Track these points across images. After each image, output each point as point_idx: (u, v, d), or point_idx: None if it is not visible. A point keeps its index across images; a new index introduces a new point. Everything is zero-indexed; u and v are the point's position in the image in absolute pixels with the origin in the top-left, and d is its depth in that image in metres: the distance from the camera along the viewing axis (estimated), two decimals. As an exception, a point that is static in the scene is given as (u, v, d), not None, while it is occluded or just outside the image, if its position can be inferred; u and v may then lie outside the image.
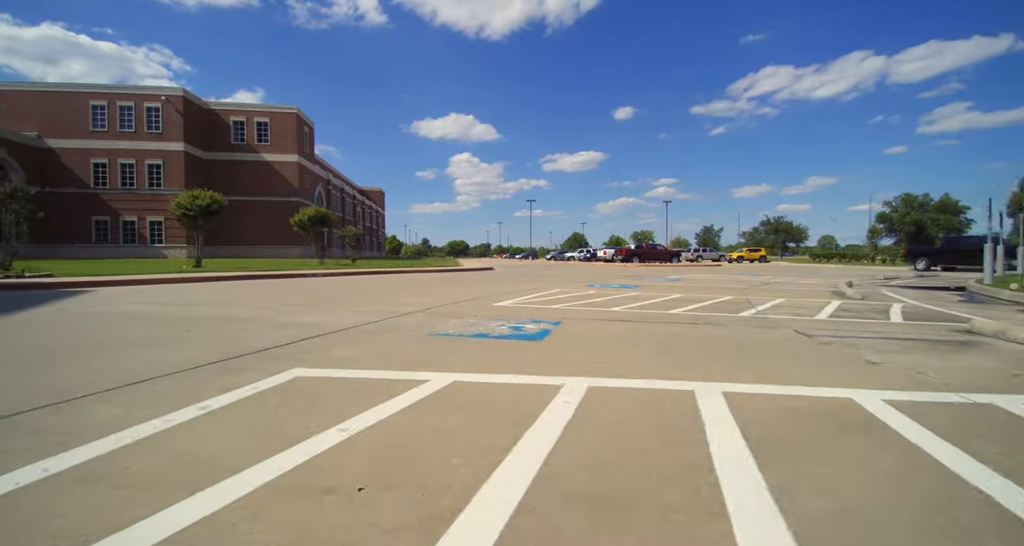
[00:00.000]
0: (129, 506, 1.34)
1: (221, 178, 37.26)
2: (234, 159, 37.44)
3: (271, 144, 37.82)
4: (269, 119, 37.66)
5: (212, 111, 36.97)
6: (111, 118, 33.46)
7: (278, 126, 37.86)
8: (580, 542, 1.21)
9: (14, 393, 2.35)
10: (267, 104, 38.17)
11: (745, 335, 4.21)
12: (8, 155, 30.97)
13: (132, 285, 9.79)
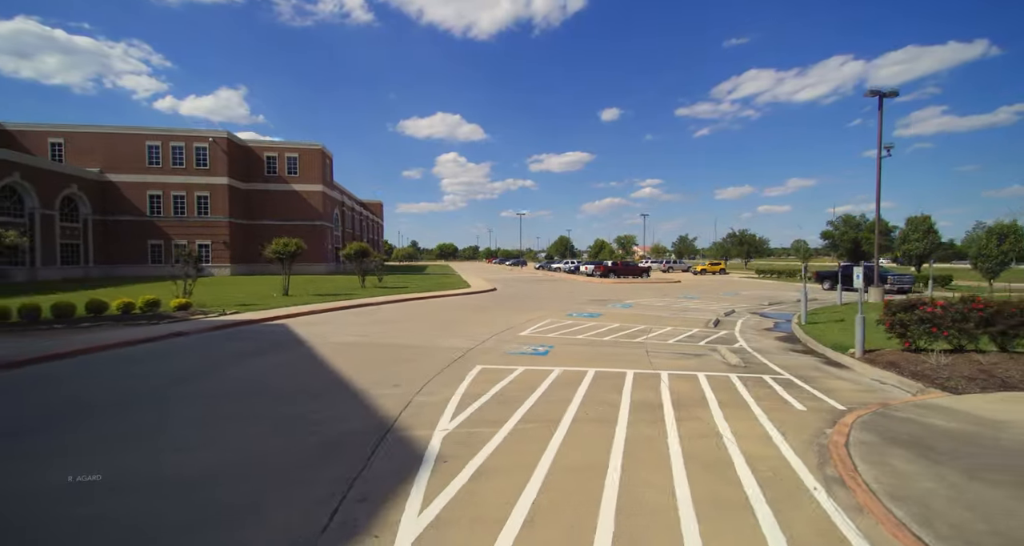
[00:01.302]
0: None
1: (257, 205, 43.06)
2: (267, 189, 43.26)
3: (299, 176, 43.72)
4: (298, 155, 43.55)
5: (250, 148, 42.73)
6: (164, 156, 39.05)
7: (305, 160, 43.77)
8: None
9: (373, 383, 8.65)
10: (296, 141, 43.97)
11: (636, 353, 10.67)
12: (78, 190, 36.37)
13: (285, 318, 15.88)
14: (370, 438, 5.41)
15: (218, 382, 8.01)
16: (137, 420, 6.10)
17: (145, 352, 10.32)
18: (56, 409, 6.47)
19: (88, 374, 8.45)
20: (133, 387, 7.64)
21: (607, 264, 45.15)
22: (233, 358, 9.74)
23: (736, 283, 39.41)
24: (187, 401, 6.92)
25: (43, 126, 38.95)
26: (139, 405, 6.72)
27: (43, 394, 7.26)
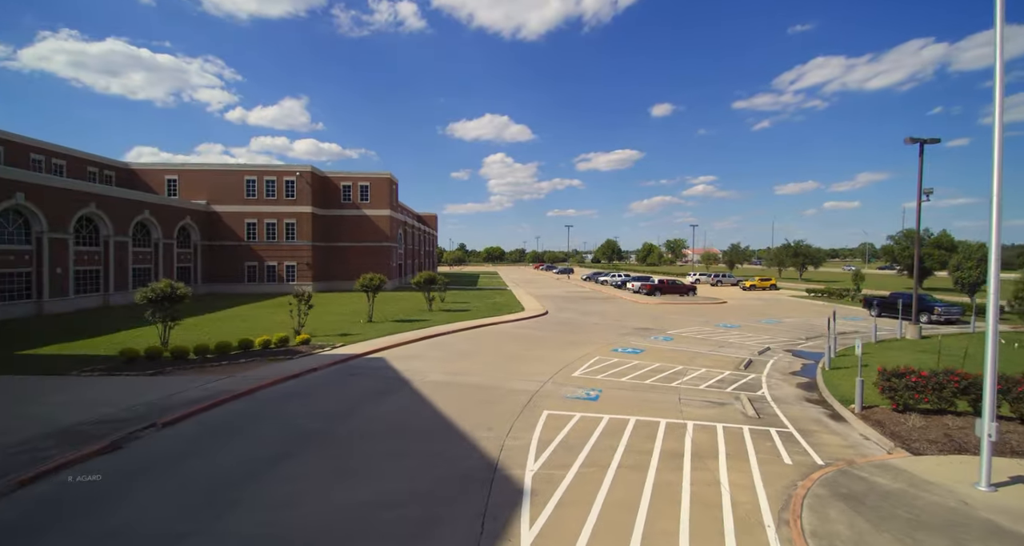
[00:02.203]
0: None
1: (334, 229, 48.28)
2: (343, 214, 48.41)
3: (370, 202, 48.58)
4: (369, 183, 48.41)
5: (328, 178, 48.03)
6: (259, 189, 44.90)
7: (375, 187, 48.56)
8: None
9: (474, 426, 11.68)
10: (367, 171, 48.84)
11: (669, 400, 13.23)
12: (191, 220, 42.67)
13: (382, 352, 19.48)
14: (486, 474, 8.46)
15: (363, 421, 11.38)
16: (320, 454, 9.46)
17: (296, 389, 14.00)
18: (262, 447, 9.99)
19: (265, 413, 12.06)
20: (303, 426, 11.10)
21: (653, 282, 46.78)
22: (364, 397, 13.18)
23: (783, 303, 40.05)
24: (349, 439, 10.26)
25: (160, 165, 45.86)
26: (315, 442, 10.12)
27: (246, 434, 10.87)
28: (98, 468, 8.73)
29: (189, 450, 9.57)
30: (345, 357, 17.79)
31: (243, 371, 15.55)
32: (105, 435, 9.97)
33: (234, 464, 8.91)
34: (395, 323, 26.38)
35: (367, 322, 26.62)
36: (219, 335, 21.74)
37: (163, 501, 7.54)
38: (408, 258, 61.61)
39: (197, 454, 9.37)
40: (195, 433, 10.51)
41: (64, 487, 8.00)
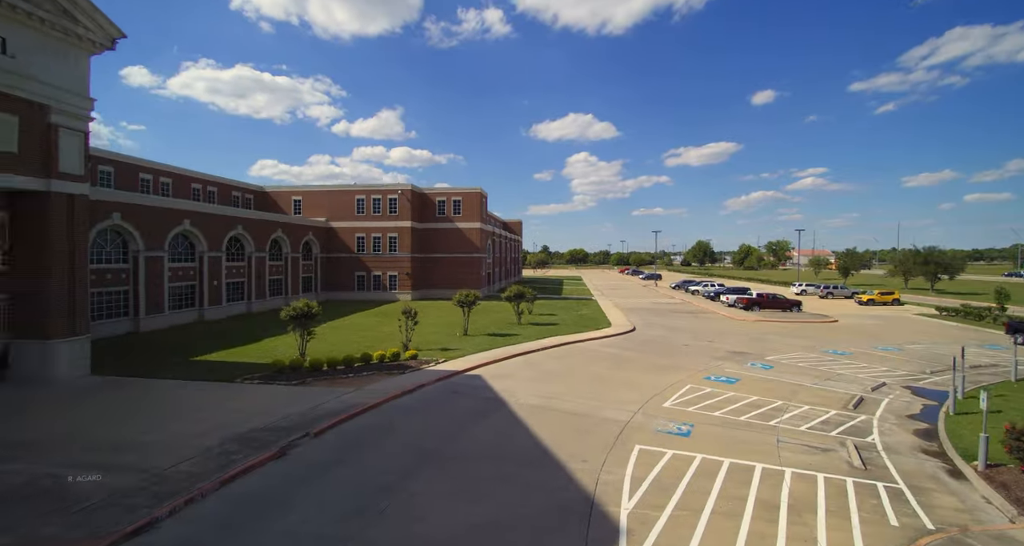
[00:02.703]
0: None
1: (430, 241, 52.02)
2: (437, 227, 52.01)
3: (462, 215, 51.67)
4: (461, 198, 51.54)
5: (425, 195, 51.92)
6: (367, 206, 49.87)
7: (467, 202, 51.55)
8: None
9: (570, 456, 12.56)
10: (460, 187, 52.03)
11: (767, 442, 13.16)
12: (312, 236, 48.51)
13: (479, 369, 21.16)
14: (584, 508, 9.39)
15: (469, 443, 12.84)
16: (436, 473, 10.97)
17: (410, 404, 15.96)
18: (391, 462, 11.75)
19: (390, 428, 14.01)
20: (421, 445, 12.80)
21: (751, 295, 44.23)
22: (467, 417, 14.71)
23: (907, 324, 35.84)
24: (459, 460, 11.71)
25: (288, 188, 52.76)
26: (432, 461, 11.70)
27: (377, 448, 12.80)
28: (264, 472, 11.04)
29: (335, 459, 11.64)
30: (447, 374, 19.67)
31: (368, 384, 17.97)
32: (273, 442, 12.45)
33: (372, 476, 10.75)
34: (488, 337, 28.18)
35: (463, 335, 28.72)
36: (342, 344, 25.00)
37: (323, 507, 9.46)
38: (496, 266, 64.16)
39: (342, 464, 11.40)
40: (338, 443, 12.67)
41: (247, 487, 10.31)
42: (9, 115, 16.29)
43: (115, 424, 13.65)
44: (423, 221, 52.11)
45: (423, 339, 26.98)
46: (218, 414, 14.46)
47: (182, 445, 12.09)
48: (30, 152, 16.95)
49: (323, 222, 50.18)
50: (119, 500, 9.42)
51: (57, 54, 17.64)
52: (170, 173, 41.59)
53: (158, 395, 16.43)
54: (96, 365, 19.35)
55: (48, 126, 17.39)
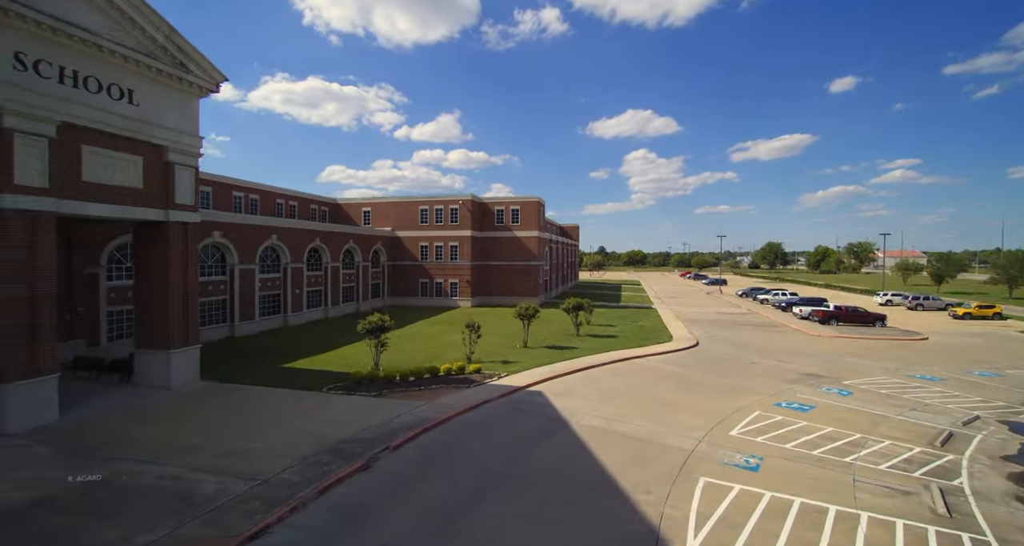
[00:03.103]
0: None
1: (488, 250, 53.41)
2: (496, 236, 53.34)
3: (520, 224, 52.64)
4: (519, 207, 52.52)
5: (484, 204, 53.43)
6: (430, 216, 52.11)
7: (525, 211, 52.42)
8: (768, 519, 10.71)
9: (633, 486, 12.79)
10: (518, 196, 53.05)
11: (842, 481, 12.76)
12: (380, 245, 51.37)
13: (540, 385, 21.77)
14: (649, 543, 9.71)
15: (534, 465, 13.46)
16: (506, 495, 11.66)
17: (476, 420, 16.84)
18: (463, 480, 12.58)
19: (459, 445, 14.92)
20: (489, 466, 13.57)
21: (828, 307, 41.58)
22: (532, 438, 15.34)
23: (1009, 343, 32.29)
24: (526, 483, 12.36)
25: (358, 200, 56.21)
26: (501, 483, 12.41)
27: (450, 464, 13.71)
28: (354, 483, 12.26)
29: (414, 475, 12.69)
30: (510, 389, 20.44)
31: (437, 397, 19.13)
32: (359, 454, 13.74)
33: (448, 494, 11.66)
34: (548, 350, 28.72)
35: (523, 347, 29.46)
36: (412, 354, 26.58)
37: (408, 523, 10.44)
38: (553, 272, 64.55)
39: (421, 480, 12.41)
40: (415, 457, 13.76)
41: (341, 498, 11.54)
42: (135, 156, 18.97)
43: (226, 430, 15.58)
44: (482, 230, 53.61)
45: (485, 350, 27.98)
46: (310, 424, 16.08)
47: (283, 453, 13.66)
48: (152, 187, 19.62)
49: (389, 232, 52.98)
50: (237, 504, 10.95)
51: (172, 100, 20.26)
52: (258, 190, 45.74)
53: (258, 402, 18.46)
54: (202, 370, 21.97)
55: (166, 164, 20.04)
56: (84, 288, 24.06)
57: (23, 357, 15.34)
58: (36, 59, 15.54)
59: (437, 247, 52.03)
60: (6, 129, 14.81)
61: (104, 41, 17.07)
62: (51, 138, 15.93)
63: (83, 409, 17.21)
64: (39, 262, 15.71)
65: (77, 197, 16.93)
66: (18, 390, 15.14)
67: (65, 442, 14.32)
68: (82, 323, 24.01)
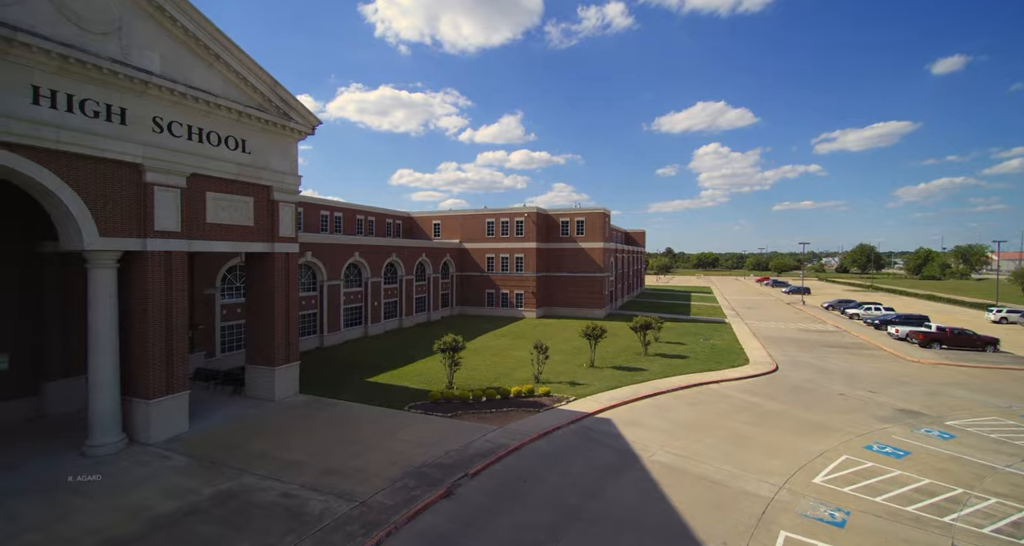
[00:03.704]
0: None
1: (553, 261, 53.91)
2: (560, 247, 53.73)
3: (584, 235, 52.65)
4: (584, 218, 52.54)
5: (549, 216, 54.03)
6: (496, 229, 53.57)
7: (590, 222, 52.35)
8: None
9: (708, 536, 12.73)
10: (584, 208, 53.14)
11: (937, 545, 11.99)
12: (449, 257, 53.55)
13: (608, 411, 21.98)
14: (725, 602, 9.82)
15: (607, 504, 13.81)
16: (581, 536, 12.11)
17: (548, 449, 17.44)
18: (538, 514, 13.21)
19: (533, 476, 15.57)
20: (563, 500, 14.11)
21: (930, 328, 37.75)
22: (602, 473, 15.69)
23: None
24: (600, 522, 12.76)
25: (429, 213, 58.96)
26: (575, 521, 12.88)
27: (525, 497, 14.41)
28: (438, 510, 13.31)
29: (493, 506, 13.55)
30: (579, 415, 20.84)
31: (508, 421, 20.01)
32: (440, 480, 14.86)
33: (525, 527, 12.37)
34: (615, 371, 28.72)
35: (590, 367, 29.68)
36: (482, 370, 27.75)
37: (490, 557, 11.28)
38: (618, 282, 63.72)
39: (499, 511, 13.24)
40: (492, 487, 14.63)
41: (428, 524, 12.62)
42: (247, 197, 21.53)
43: (326, 447, 17.36)
44: (547, 241, 54.21)
45: (552, 369, 28.55)
46: (396, 444, 17.53)
47: (374, 474, 15.10)
48: (261, 223, 22.17)
49: (457, 244, 55.06)
50: (340, 526, 12.37)
51: (277, 145, 22.73)
52: (341, 208, 49.49)
53: (350, 419, 20.28)
54: (300, 382, 24.40)
55: (272, 202, 22.54)
56: (203, 307, 27.58)
57: (162, 377, 18.09)
58: (170, 121, 18.24)
59: (503, 258, 53.35)
60: (148, 184, 17.54)
61: (223, 100, 19.62)
62: (182, 188, 18.62)
63: (207, 420, 19.91)
64: (174, 295, 18.43)
65: (202, 237, 19.60)
66: (158, 406, 17.89)
67: (197, 452, 16.74)
68: (202, 338, 27.54)
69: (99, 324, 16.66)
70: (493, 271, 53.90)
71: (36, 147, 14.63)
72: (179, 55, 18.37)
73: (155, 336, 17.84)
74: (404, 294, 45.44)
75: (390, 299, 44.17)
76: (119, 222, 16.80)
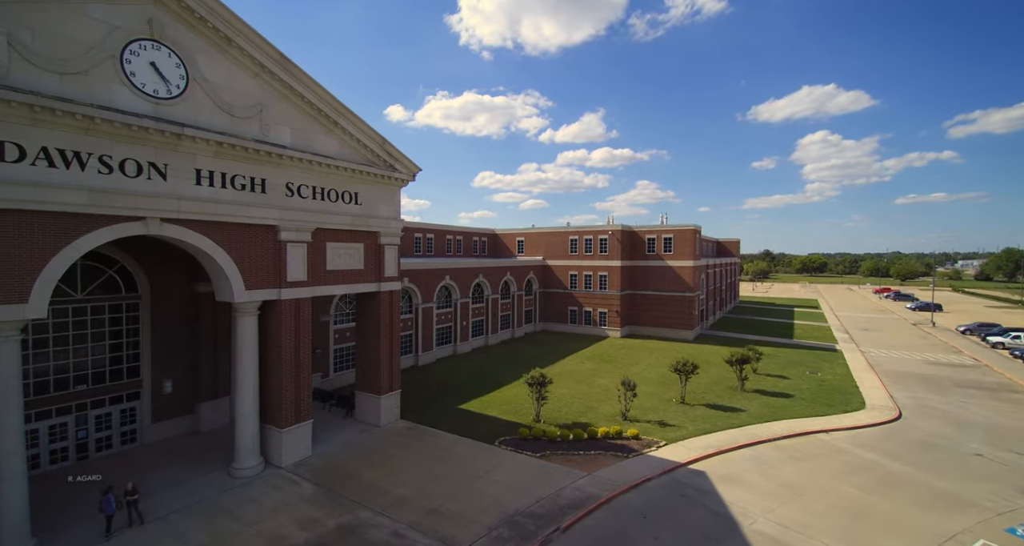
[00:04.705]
0: None
1: (638, 279, 52.67)
2: (646, 265, 52.30)
3: (673, 253, 50.75)
4: (672, 235, 50.66)
5: (634, 233, 52.87)
6: (579, 246, 53.55)
7: (679, 239, 50.37)
8: None
9: None
10: (672, 225, 51.24)
11: None
12: (533, 274, 54.47)
13: (701, 461, 21.25)
14: None
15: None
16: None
17: (638, 504, 17.31)
18: (642, 584, 13.24)
19: (624, 535, 15.62)
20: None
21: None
22: (698, 540, 15.31)
23: None
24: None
25: (513, 230, 60.46)
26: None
27: (624, 556, 14.49)
28: (535, 564, 13.90)
29: (584, 569, 13.88)
30: (670, 466, 20.37)
31: (596, 466, 20.17)
32: (533, 533, 15.48)
33: (618, 602, 12.56)
34: (708, 410, 27.53)
35: (680, 403, 28.75)
36: (567, 400, 28.01)
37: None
38: (709, 299, 60.48)
39: (591, 577, 13.55)
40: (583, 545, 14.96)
41: (527, 583, 13.25)
42: (358, 244, 23.82)
43: (428, 484, 18.75)
44: (632, 259, 53.04)
45: (639, 403, 28.06)
46: (489, 487, 18.51)
47: (472, 519, 16.13)
48: (369, 266, 24.41)
49: (540, 261, 55.81)
50: (445, 576, 13.46)
51: (383, 194, 24.87)
52: (432, 230, 52.53)
53: (447, 453, 21.65)
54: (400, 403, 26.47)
55: (378, 246, 24.72)
56: (320, 333, 30.93)
57: (292, 408, 20.72)
58: (299, 184, 20.78)
59: (586, 276, 53.15)
60: (282, 241, 20.16)
61: (341, 162, 21.93)
62: (308, 242, 21.14)
63: (325, 443, 22.42)
64: (301, 336, 21.00)
65: (323, 283, 22.08)
66: (289, 434, 20.52)
67: (319, 480, 18.96)
68: (319, 360, 30.91)
69: (244, 364, 19.52)
70: (576, 288, 53.91)
71: (199, 220, 17.55)
72: (305, 126, 20.89)
73: (287, 373, 20.49)
74: (490, 312, 47.12)
75: (477, 318, 46.03)
76: (260, 276, 19.54)
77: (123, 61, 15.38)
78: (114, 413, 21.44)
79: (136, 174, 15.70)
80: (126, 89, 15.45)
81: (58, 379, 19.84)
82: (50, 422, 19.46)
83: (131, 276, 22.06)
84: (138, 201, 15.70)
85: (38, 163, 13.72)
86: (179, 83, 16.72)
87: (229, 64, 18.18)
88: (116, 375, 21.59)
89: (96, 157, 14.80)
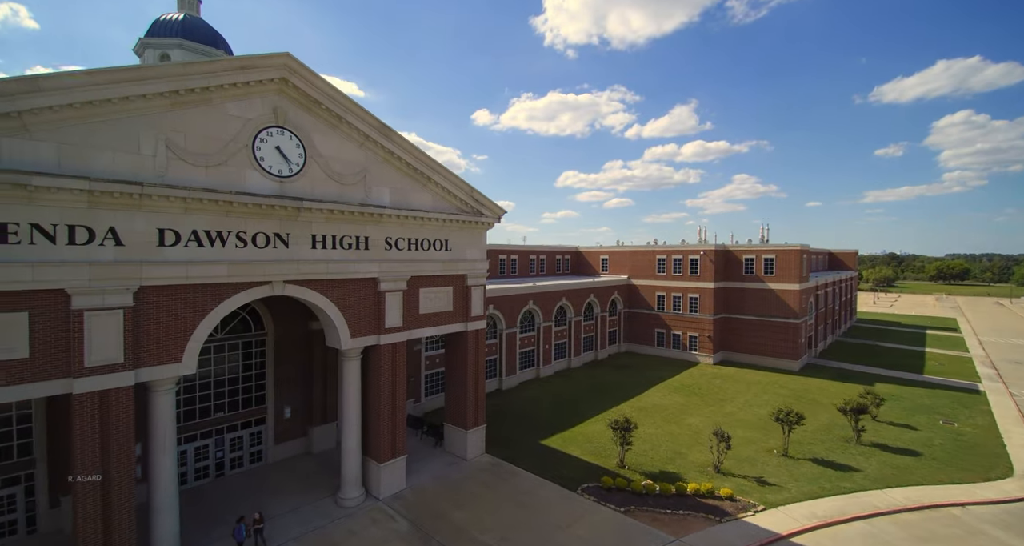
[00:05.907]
0: None
1: (734, 302, 49.32)
2: (743, 287, 48.76)
3: (775, 275, 46.77)
4: (774, 256, 46.70)
5: (730, 252, 49.56)
6: (668, 266, 51.39)
7: (782, 260, 46.31)
8: None
9: None
10: (774, 245, 47.29)
11: None
12: (617, 294, 53.28)
13: (803, 535, 19.47)
14: None
15: None
16: None
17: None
18: None
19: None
20: None
21: None
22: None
23: None
24: None
25: (596, 248, 59.60)
26: None
27: None
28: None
29: None
30: (768, 538, 18.94)
31: (685, 531, 19.37)
32: (618, 607, 15.32)
33: None
34: (815, 466, 25.11)
35: (782, 455, 26.53)
36: (652, 443, 27.11)
37: None
38: (819, 324, 54.75)
39: None
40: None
41: None
42: (447, 287, 25.08)
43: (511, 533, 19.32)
44: (727, 280, 49.71)
45: (735, 452, 26.34)
46: (571, 542, 18.59)
47: (554, 582, 16.33)
48: (458, 307, 25.61)
49: (625, 280, 54.40)
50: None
51: (470, 238, 25.92)
52: (516, 250, 53.59)
53: (530, 498, 22.08)
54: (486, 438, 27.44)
55: (466, 288, 25.85)
56: (412, 360, 33.07)
57: (390, 444, 22.44)
58: (396, 238, 22.39)
59: (675, 297, 50.84)
60: (382, 292, 21.88)
61: (433, 213, 23.28)
62: (404, 290, 22.74)
63: (418, 475, 23.96)
64: (398, 377, 22.66)
65: (416, 326, 23.60)
66: (387, 468, 22.26)
67: (413, 516, 20.33)
68: (411, 387, 33.08)
69: (348, 404, 21.52)
70: (664, 310, 51.80)
71: (314, 280, 19.66)
72: (403, 184, 22.47)
73: (385, 412, 22.24)
74: (572, 335, 46.96)
75: (559, 341, 46.13)
76: (363, 325, 21.41)
77: (254, 149, 17.72)
78: (244, 436, 24.78)
79: (265, 245, 18.01)
80: (257, 173, 17.79)
81: (203, 407, 23.39)
82: (195, 444, 23.03)
83: (259, 316, 25.31)
84: (266, 268, 18.01)
85: (189, 245, 16.31)
86: (298, 161, 18.88)
87: (339, 138, 20.14)
88: (247, 403, 24.93)
89: (234, 234, 17.23)
